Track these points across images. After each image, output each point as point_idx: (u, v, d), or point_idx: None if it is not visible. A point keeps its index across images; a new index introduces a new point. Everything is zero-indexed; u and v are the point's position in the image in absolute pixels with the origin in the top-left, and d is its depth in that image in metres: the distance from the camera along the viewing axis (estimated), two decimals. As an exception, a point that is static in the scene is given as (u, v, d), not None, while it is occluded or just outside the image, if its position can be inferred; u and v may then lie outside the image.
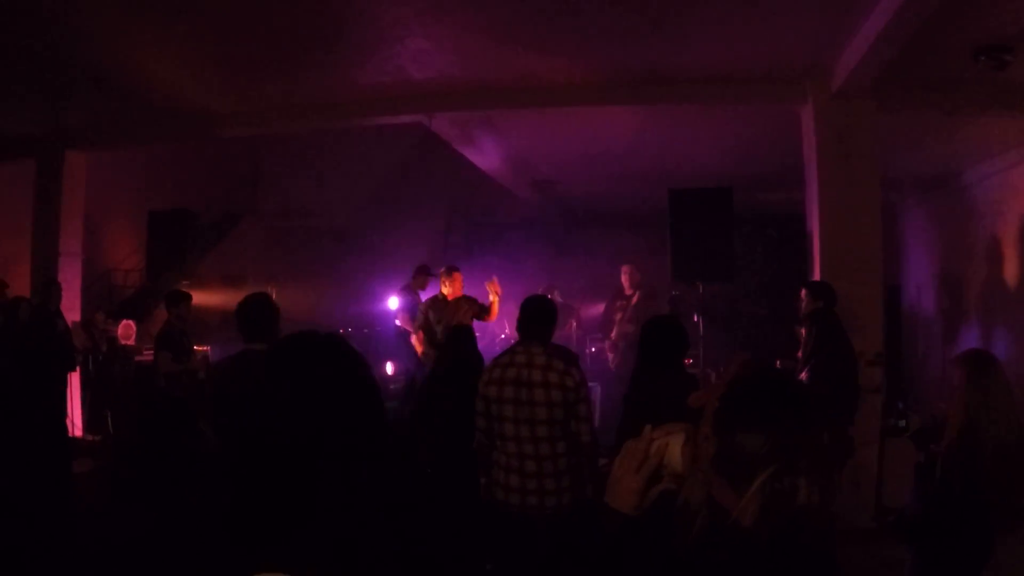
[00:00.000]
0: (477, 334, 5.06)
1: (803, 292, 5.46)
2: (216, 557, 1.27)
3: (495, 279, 7.00)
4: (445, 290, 7.24)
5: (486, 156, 8.77)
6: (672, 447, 1.41)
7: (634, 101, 6.64)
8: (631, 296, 8.48)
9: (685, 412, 1.52)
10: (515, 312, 5.63)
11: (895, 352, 6.23)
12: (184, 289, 7.40)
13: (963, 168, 8.75)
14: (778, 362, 6.79)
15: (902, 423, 2.99)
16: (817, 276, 5.93)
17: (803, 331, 5.58)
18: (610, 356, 8.59)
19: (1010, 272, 8.00)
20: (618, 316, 8.53)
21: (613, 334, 8.56)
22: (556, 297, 8.62)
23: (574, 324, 9.22)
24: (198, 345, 7.96)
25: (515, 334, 5.60)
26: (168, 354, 6.76)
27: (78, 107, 7.38)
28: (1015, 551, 2.88)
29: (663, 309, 7.83)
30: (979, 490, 2.74)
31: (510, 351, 3.85)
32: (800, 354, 6.50)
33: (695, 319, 6.92)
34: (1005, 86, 5.69)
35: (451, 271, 7.32)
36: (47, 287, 7.31)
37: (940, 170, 8.96)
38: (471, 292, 10.71)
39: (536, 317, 3.87)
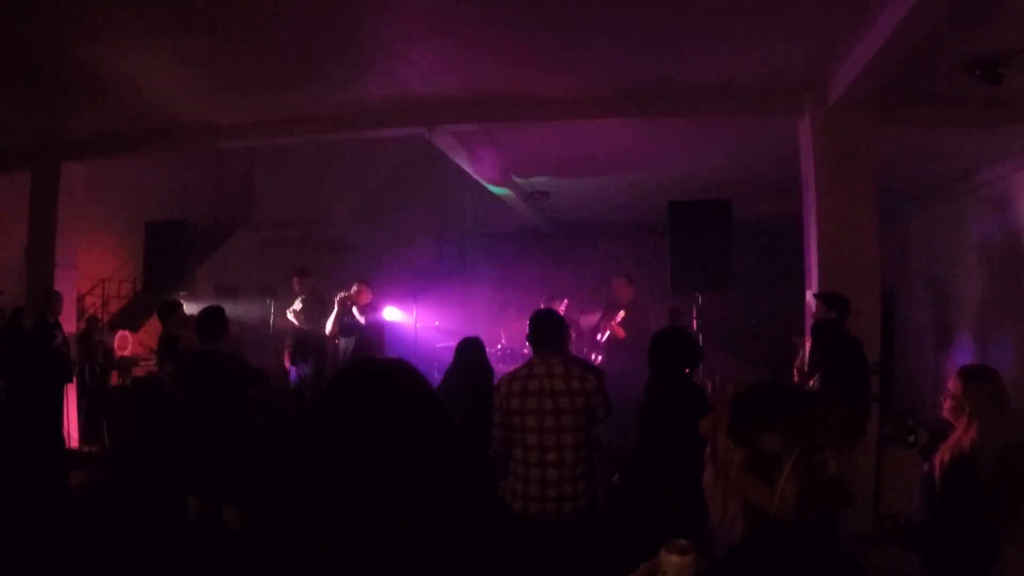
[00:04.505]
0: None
1: (813, 302, 5.45)
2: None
3: None
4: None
5: (483, 167, 8.80)
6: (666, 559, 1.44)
7: (633, 115, 6.68)
8: (621, 311, 8.45)
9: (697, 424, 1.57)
10: (510, 322, 5.72)
11: (887, 360, 6.28)
12: (180, 300, 7.39)
13: (957, 177, 8.85)
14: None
15: (911, 438, 3.02)
16: (815, 287, 5.98)
17: (808, 341, 5.56)
18: (598, 358, 8.57)
19: (1002, 281, 8.10)
20: (605, 324, 8.54)
21: (600, 338, 8.58)
22: (563, 308, 8.68)
23: (574, 336, 9.21)
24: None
25: (511, 345, 5.69)
26: (170, 364, 6.76)
27: (76, 119, 7.34)
28: (1016, 560, 2.95)
29: (654, 323, 7.81)
30: (983, 501, 2.81)
31: (528, 364, 3.92)
32: (798, 365, 6.53)
33: (694, 329, 6.94)
34: (999, 99, 5.79)
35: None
36: (48, 298, 7.27)
37: (935, 178, 9.05)
38: (462, 304, 10.78)
39: (548, 330, 3.95)
